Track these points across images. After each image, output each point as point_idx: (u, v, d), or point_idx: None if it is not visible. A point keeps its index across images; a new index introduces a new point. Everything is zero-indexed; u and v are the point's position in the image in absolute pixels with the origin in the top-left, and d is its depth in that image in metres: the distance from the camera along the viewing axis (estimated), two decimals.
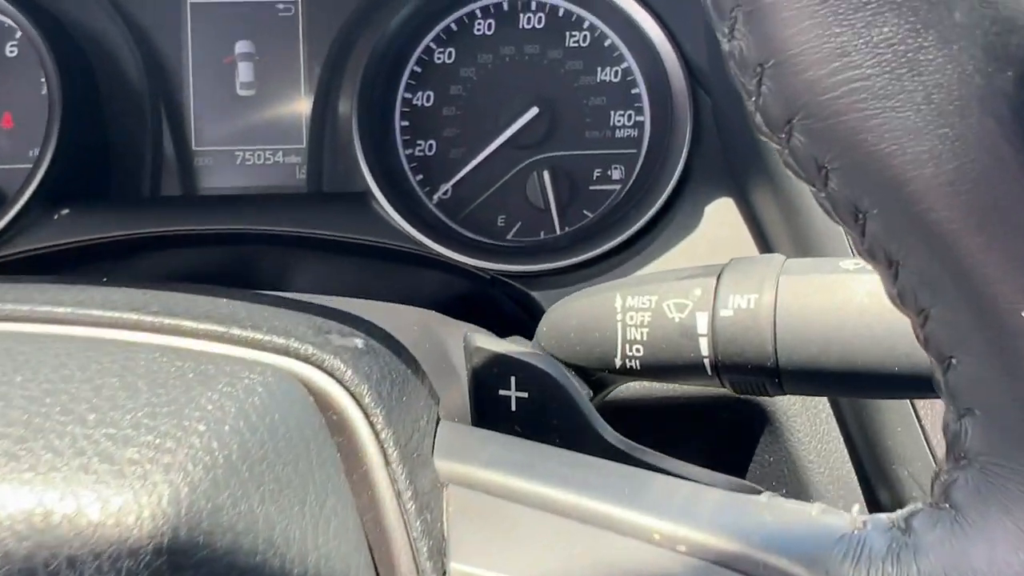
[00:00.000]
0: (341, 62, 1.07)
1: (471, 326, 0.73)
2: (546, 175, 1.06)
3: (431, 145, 1.08)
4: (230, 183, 1.10)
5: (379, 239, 0.96)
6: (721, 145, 0.96)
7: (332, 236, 0.95)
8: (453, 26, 1.07)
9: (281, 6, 1.09)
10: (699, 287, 0.60)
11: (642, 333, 0.61)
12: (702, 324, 0.59)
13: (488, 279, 0.96)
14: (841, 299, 0.56)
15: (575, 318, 0.65)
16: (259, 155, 1.10)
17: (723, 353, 0.59)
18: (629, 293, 0.62)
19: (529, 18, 1.08)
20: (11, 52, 1.06)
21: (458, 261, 0.95)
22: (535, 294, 0.92)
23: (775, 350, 0.57)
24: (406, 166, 1.08)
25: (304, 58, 1.09)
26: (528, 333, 0.93)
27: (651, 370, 0.62)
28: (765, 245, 0.90)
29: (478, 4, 1.07)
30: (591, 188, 1.08)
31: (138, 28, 1.07)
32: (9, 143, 1.06)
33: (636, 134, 1.08)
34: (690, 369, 0.61)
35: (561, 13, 1.07)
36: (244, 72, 1.09)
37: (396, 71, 1.06)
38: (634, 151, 1.08)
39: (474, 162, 1.06)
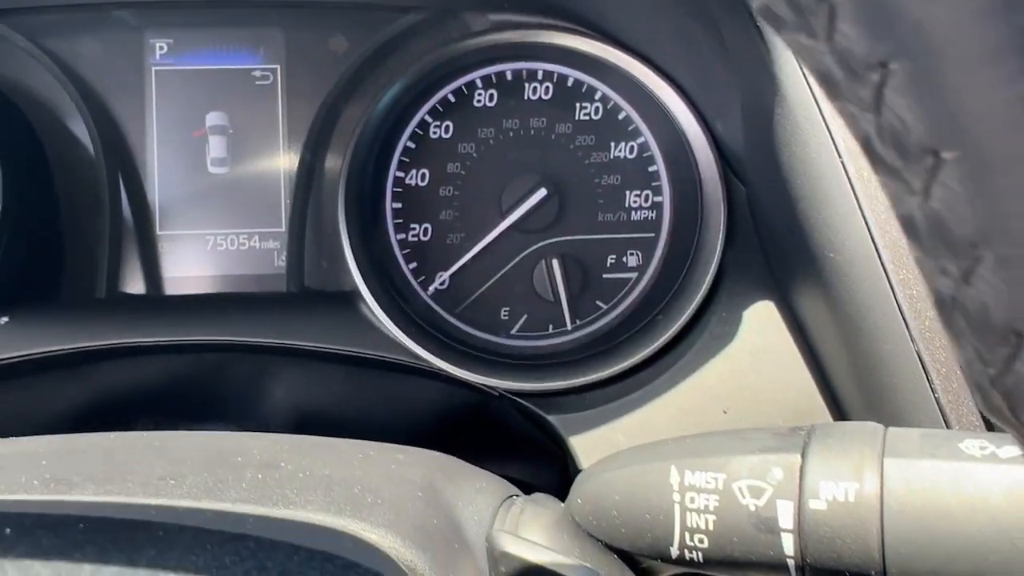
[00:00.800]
0: (325, 136, 0.95)
1: (488, 477, 0.61)
2: (555, 263, 0.95)
3: (426, 229, 0.96)
4: (199, 272, 0.97)
5: (369, 349, 0.84)
6: (758, 240, 0.85)
7: (314, 347, 0.82)
8: (451, 97, 0.95)
9: (258, 73, 0.97)
10: (779, 467, 0.49)
11: (707, 521, 0.50)
12: (785, 516, 0.48)
13: (496, 395, 0.84)
14: (969, 496, 0.44)
15: (618, 493, 0.53)
16: (232, 240, 0.98)
17: (814, 555, 0.47)
18: (688, 466, 0.51)
19: (535, 88, 0.96)
20: None
21: (460, 377, 0.83)
22: (552, 418, 0.80)
23: (883, 558, 0.45)
24: (398, 253, 0.96)
25: (284, 132, 0.97)
26: (546, 453, 0.81)
27: (717, 564, 0.50)
28: (815, 363, 0.78)
29: (478, 73, 0.95)
30: (604, 276, 0.97)
31: (94, 96, 0.94)
32: None
33: (654, 216, 0.97)
34: (768, 568, 0.49)
35: (570, 83, 0.96)
36: (216, 147, 0.97)
37: (387, 147, 0.95)
38: (651, 235, 0.97)
39: (474, 249, 0.95)
